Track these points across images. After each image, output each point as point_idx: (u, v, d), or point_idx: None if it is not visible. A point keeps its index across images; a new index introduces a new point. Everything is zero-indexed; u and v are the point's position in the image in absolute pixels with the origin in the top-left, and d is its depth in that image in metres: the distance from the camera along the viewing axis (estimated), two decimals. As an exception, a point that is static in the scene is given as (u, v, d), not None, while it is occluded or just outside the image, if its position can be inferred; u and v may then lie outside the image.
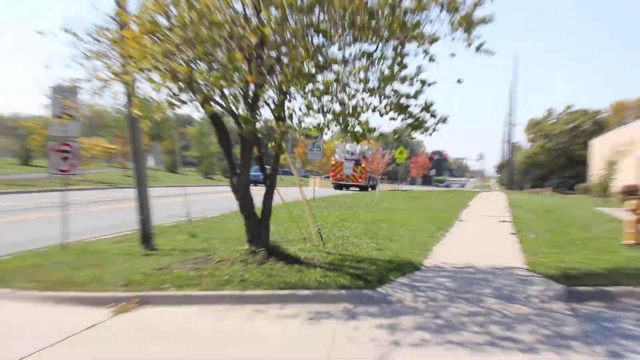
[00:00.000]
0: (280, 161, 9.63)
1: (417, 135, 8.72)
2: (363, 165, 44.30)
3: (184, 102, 8.13)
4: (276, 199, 9.54)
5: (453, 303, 7.08)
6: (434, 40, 7.77)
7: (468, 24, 7.59)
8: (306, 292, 7.29)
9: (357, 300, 7.18)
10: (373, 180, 39.78)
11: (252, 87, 7.96)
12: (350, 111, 8.21)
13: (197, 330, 6.18)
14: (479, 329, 6.08)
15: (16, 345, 5.55)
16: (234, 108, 8.24)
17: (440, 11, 7.54)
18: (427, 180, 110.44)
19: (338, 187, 45.85)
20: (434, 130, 8.43)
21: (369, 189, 44.00)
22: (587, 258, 9.75)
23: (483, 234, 14.26)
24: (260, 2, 7.16)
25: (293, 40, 7.38)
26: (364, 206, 22.63)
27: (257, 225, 8.96)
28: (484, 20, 7.62)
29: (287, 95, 8.31)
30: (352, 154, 45.92)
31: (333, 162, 48.00)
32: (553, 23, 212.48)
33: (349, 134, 8.59)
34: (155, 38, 7.28)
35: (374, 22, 7.40)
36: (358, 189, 45.39)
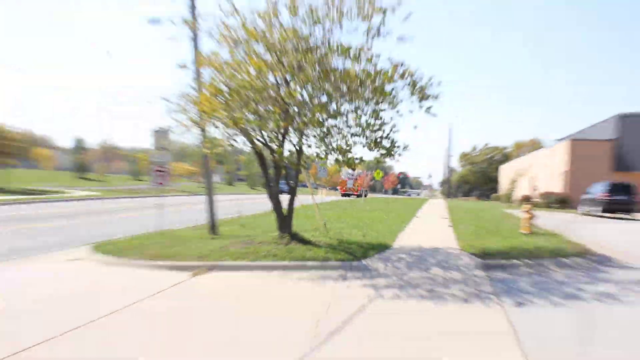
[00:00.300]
0: (299, 178, 9.64)
1: (388, 160, 8.69)
2: (358, 181, 45.95)
3: (236, 141, 8.24)
4: (296, 203, 9.52)
5: (411, 271, 7.01)
6: (399, 102, 7.84)
7: (422, 96, 7.66)
8: (315, 263, 7.25)
9: (348, 268, 7.13)
10: (364, 191, 40.88)
11: (281, 130, 7.99)
12: (344, 147, 8.21)
13: (246, 287, 6.15)
14: (430, 287, 6.01)
15: (124, 296, 5.55)
16: (270, 144, 8.28)
17: (404, 86, 7.63)
18: (395, 192, 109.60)
19: (343, 195, 48.16)
20: (400, 155, 8.39)
21: (363, 197, 44.94)
22: (497, 242, 9.64)
23: (431, 226, 14.14)
24: (288, 75, 7.25)
25: (314, 99, 7.46)
26: (355, 208, 22.53)
27: (283, 219, 8.93)
28: (432, 96, 7.69)
29: (304, 135, 8.33)
30: (352, 174, 48.49)
31: (341, 180, 50.28)
32: (476, 76, 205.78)
33: (342, 162, 8.58)
34: (220, 98, 7.35)
35: (361, 88, 7.46)
36: (356, 196, 47.09)
